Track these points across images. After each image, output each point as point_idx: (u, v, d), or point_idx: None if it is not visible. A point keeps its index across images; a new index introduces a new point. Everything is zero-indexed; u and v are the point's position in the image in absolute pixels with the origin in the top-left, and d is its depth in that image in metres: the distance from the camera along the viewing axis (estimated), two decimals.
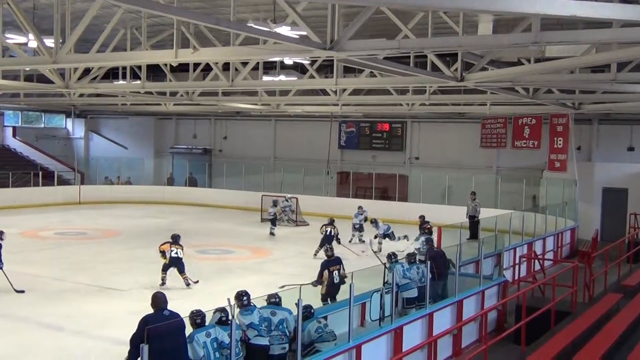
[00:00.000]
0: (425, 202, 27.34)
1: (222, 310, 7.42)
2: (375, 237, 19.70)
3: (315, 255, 18.48)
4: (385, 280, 10.77)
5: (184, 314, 7.46)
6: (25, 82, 22.63)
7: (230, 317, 7.15)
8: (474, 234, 20.86)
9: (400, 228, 23.29)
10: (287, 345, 8.08)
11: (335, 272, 12.20)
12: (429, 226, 18.73)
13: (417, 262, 11.32)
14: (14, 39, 14.45)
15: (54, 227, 24.13)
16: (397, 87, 20.66)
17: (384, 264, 10.95)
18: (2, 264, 14.54)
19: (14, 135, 37.60)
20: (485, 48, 13.89)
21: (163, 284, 14.79)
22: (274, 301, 8.34)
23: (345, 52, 10.92)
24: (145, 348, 5.33)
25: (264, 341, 7.87)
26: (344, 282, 11.92)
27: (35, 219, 26.23)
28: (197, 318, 7.22)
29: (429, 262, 11.02)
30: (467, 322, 11.36)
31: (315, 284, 12.27)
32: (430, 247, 12.44)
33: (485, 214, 20.75)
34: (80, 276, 15.85)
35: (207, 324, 7.31)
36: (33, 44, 13.79)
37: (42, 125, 40.49)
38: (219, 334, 7.19)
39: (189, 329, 7.23)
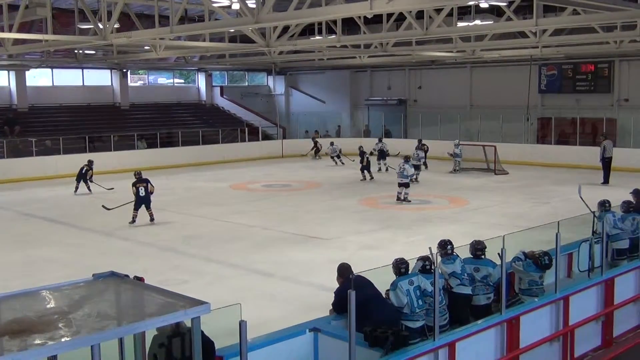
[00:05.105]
0: (636, 147, 25.49)
1: (426, 258, 7.45)
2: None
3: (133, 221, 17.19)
4: (594, 229, 10.21)
5: (385, 262, 7.59)
6: (230, 44, 23.90)
7: (433, 266, 7.18)
8: (605, 176, 21.63)
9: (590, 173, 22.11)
10: (491, 295, 7.97)
11: (141, 188, 16.83)
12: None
13: (634, 212, 10.59)
14: (218, 2, 15.31)
15: (260, 179, 25.59)
16: (604, 23, 19.21)
17: (593, 212, 10.37)
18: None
19: (222, 95, 40.10)
20: None
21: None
22: (479, 248, 8.17)
23: None
24: (352, 293, 5.54)
25: (466, 290, 7.82)
26: (148, 198, 16.93)
27: (243, 172, 27.96)
28: (402, 267, 7.30)
29: None
30: None
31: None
32: None
33: None
34: (286, 226, 16.68)
35: (410, 272, 7.39)
36: (236, 6, 14.52)
37: (246, 84, 42.77)
38: (422, 282, 7.25)
39: (392, 277, 7.36)
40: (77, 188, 22.45)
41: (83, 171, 22.54)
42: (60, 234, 16.60)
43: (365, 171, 24.89)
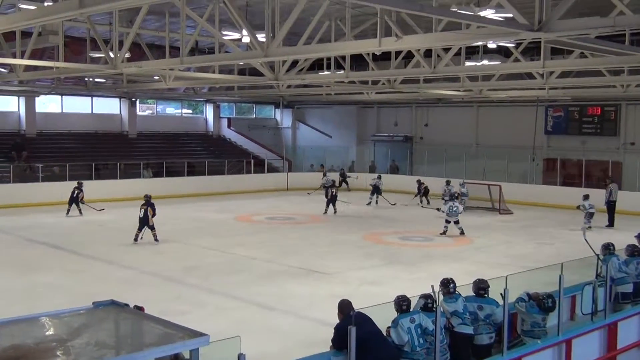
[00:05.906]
0: None
1: (428, 296, 7.42)
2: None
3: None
4: (598, 272, 10.16)
5: (387, 298, 7.54)
6: (239, 76, 24.12)
7: (435, 304, 7.14)
8: (610, 219, 22.09)
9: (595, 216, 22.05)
10: (494, 335, 7.91)
11: (142, 210, 17.98)
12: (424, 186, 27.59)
13: (638, 256, 10.54)
14: (229, 35, 15.49)
15: (265, 212, 25.56)
16: (611, 67, 19.36)
17: (597, 255, 10.34)
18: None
19: (229, 126, 40.29)
20: None
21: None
22: (482, 287, 8.13)
23: (555, 32, 10.42)
24: (353, 330, 5.51)
25: (468, 330, 7.76)
26: (147, 220, 17.96)
27: (248, 204, 27.95)
28: (404, 304, 7.26)
29: None
30: None
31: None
32: None
33: None
34: (289, 259, 16.62)
35: (411, 309, 7.35)
36: (246, 39, 14.68)
37: (254, 116, 43.01)
38: (424, 320, 7.20)
39: (393, 314, 7.31)
40: (68, 211, 23.26)
41: (74, 195, 23.32)
42: (62, 260, 16.57)
43: (331, 204, 25.07)
